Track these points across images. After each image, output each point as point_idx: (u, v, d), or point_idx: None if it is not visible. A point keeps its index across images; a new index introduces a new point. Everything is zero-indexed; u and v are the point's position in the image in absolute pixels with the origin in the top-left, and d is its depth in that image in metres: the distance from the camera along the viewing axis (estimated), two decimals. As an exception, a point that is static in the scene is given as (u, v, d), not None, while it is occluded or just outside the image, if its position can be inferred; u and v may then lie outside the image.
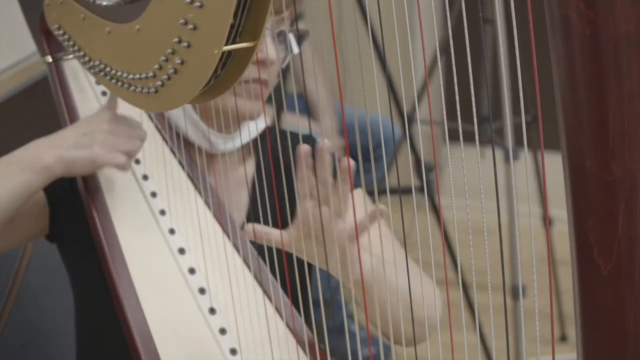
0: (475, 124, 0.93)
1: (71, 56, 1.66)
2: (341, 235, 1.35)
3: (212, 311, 1.52)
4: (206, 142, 1.62)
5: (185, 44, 1.17)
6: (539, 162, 3.25)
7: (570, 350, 1.29)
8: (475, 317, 2.88)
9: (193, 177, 1.64)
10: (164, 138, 1.67)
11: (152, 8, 1.23)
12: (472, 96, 1.06)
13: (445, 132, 1.15)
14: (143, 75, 1.28)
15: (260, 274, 1.55)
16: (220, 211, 1.61)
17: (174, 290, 1.54)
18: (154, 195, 1.62)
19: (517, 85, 0.95)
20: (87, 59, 1.46)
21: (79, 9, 1.42)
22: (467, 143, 1.10)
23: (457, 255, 3.01)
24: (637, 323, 0.87)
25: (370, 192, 2.59)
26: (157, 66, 1.23)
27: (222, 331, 1.50)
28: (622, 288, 0.88)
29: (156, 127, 1.68)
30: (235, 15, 1.12)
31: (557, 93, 0.89)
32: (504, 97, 2.82)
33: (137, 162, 1.65)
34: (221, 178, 1.64)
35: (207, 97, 1.22)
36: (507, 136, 2.91)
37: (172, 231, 1.59)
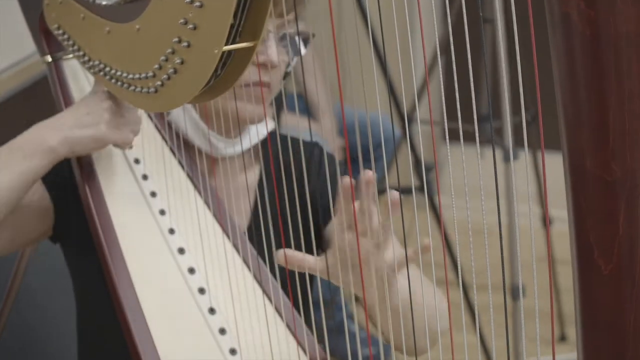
0: (475, 124, 0.93)
1: (71, 56, 1.66)
2: (381, 267, 1.32)
3: (212, 311, 1.52)
4: (207, 144, 1.62)
5: (185, 43, 1.17)
6: (538, 162, 3.25)
7: (570, 350, 1.29)
8: (476, 317, 2.88)
9: (193, 177, 1.64)
10: (164, 138, 1.67)
11: (152, 8, 1.23)
12: (472, 96, 1.06)
13: (446, 131, 1.15)
14: (143, 75, 1.28)
15: (260, 274, 1.55)
16: (220, 211, 1.61)
17: (174, 290, 1.54)
18: (153, 195, 1.62)
19: (517, 85, 0.95)
20: (86, 58, 1.46)
21: (79, 9, 1.42)
22: (467, 143, 1.10)
23: (457, 255, 3.01)
24: (637, 323, 0.87)
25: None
26: (157, 66, 1.23)
27: (222, 331, 1.50)
28: (623, 288, 0.88)
29: (156, 126, 1.68)
30: (235, 15, 1.13)
31: (557, 92, 0.89)
32: (504, 97, 2.82)
33: (137, 161, 1.65)
34: (221, 182, 1.63)
35: (207, 97, 1.22)
36: (506, 136, 2.91)
37: (171, 231, 1.59)
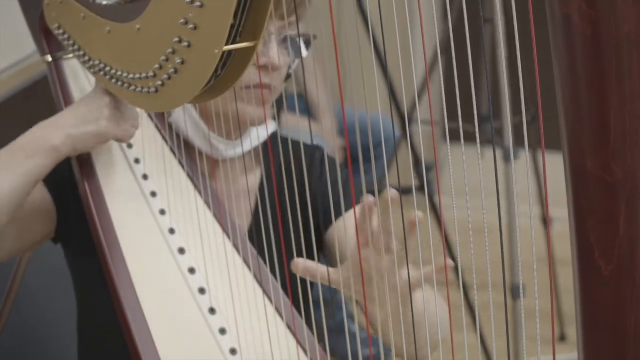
0: (475, 124, 0.93)
1: (71, 55, 1.66)
2: (400, 285, 1.30)
3: (212, 311, 1.52)
4: (207, 145, 1.62)
5: (186, 43, 1.17)
6: (538, 162, 3.25)
7: (569, 350, 1.29)
8: (476, 317, 2.88)
9: (193, 177, 1.64)
10: (164, 137, 1.67)
11: (152, 7, 1.23)
12: (472, 95, 1.06)
13: (446, 131, 1.15)
14: (143, 75, 1.28)
15: (260, 274, 1.55)
16: (220, 211, 1.61)
17: (174, 290, 1.53)
18: (153, 194, 1.62)
19: (517, 85, 0.95)
20: (86, 58, 1.46)
21: (79, 8, 1.42)
22: (467, 142, 1.10)
23: (458, 254, 3.01)
24: (637, 324, 0.87)
25: (370, 192, 2.60)
26: (157, 66, 1.23)
27: (222, 331, 1.50)
28: (623, 288, 0.87)
29: (156, 126, 1.68)
30: (235, 15, 1.13)
31: (558, 93, 0.89)
32: (504, 97, 2.82)
33: (137, 161, 1.64)
34: (222, 184, 1.63)
35: (207, 97, 1.22)
36: (506, 136, 2.91)
37: (171, 231, 1.59)
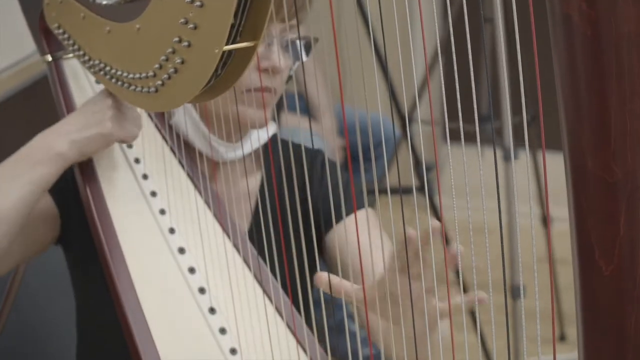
0: (476, 124, 0.93)
1: (71, 55, 1.66)
2: (431, 312, 1.30)
3: (212, 311, 1.52)
4: (207, 147, 1.62)
5: (186, 43, 1.17)
6: (538, 162, 3.25)
7: (569, 350, 1.28)
8: (476, 317, 2.87)
9: (193, 177, 1.64)
10: (164, 137, 1.67)
11: (152, 7, 1.23)
12: (473, 95, 1.05)
13: (446, 131, 1.15)
14: (143, 75, 1.28)
15: (260, 274, 1.55)
16: (220, 211, 1.61)
17: (174, 289, 1.53)
18: (153, 194, 1.62)
19: (517, 85, 0.95)
20: (87, 58, 1.46)
21: (79, 8, 1.42)
22: (467, 142, 1.10)
23: (458, 254, 3.01)
24: (638, 324, 0.87)
25: (370, 192, 2.60)
26: (157, 65, 1.23)
27: (222, 331, 1.50)
28: (624, 289, 0.87)
29: (156, 126, 1.68)
30: (235, 15, 1.12)
31: (558, 93, 0.89)
32: (504, 97, 2.82)
33: (137, 161, 1.64)
34: (222, 187, 1.63)
35: (207, 97, 1.22)
36: (507, 136, 2.91)
37: (172, 230, 1.59)
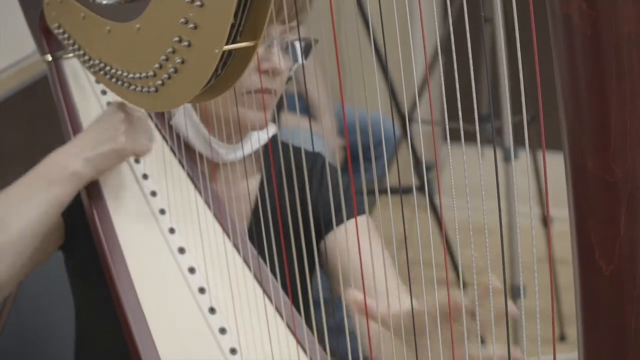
0: (476, 123, 0.93)
1: (71, 55, 1.66)
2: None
3: (212, 311, 1.52)
4: (208, 149, 1.61)
5: (186, 43, 1.17)
6: (538, 162, 3.25)
7: (569, 350, 1.28)
8: (476, 317, 2.87)
9: (193, 177, 1.64)
10: (164, 137, 1.67)
11: (152, 7, 1.23)
12: (473, 95, 1.05)
13: (447, 131, 1.15)
14: (143, 75, 1.28)
15: (260, 274, 1.55)
16: (220, 211, 1.61)
17: (174, 289, 1.53)
18: (153, 194, 1.62)
19: (517, 85, 0.95)
20: (87, 57, 1.46)
21: (79, 8, 1.41)
22: (467, 142, 1.09)
23: (458, 255, 3.01)
24: (638, 324, 0.87)
25: (370, 192, 2.60)
26: (157, 65, 1.23)
27: (222, 331, 1.50)
28: (624, 289, 0.87)
29: (156, 126, 1.68)
30: (235, 15, 1.12)
31: (558, 93, 0.89)
32: (504, 97, 2.82)
33: (137, 161, 1.64)
34: (222, 187, 1.63)
35: (207, 97, 1.22)
36: (507, 136, 2.91)
37: (171, 230, 1.59)
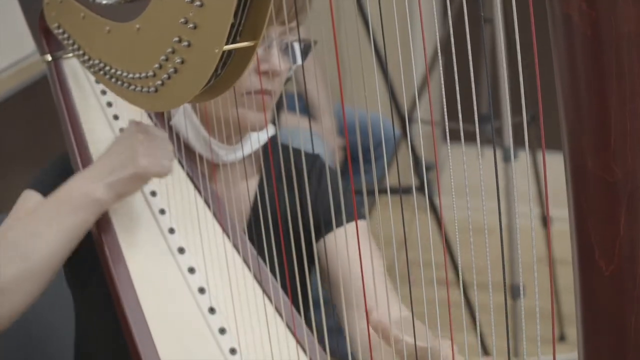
0: (476, 124, 0.93)
1: (71, 55, 1.66)
2: None
3: (212, 311, 1.52)
4: (207, 151, 1.61)
5: (186, 43, 1.17)
6: (538, 162, 3.25)
7: (569, 350, 1.28)
8: (476, 317, 2.88)
9: (193, 177, 1.64)
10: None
11: (152, 7, 1.23)
12: (472, 95, 1.05)
13: (446, 131, 1.15)
14: (143, 75, 1.28)
15: (260, 274, 1.55)
16: (220, 211, 1.61)
17: (174, 289, 1.53)
18: (153, 194, 1.62)
19: (517, 85, 0.95)
20: (86, 57, 1.46)
21: (79, 8, 1.41)
22: (467, 143, 1.09)
23: (458, 255, 3.01)
24: (638, 324, 0.87)
25: (370, 192, 2.60)
26: (157, 65, 1.23)
27: (222, 331, 1.50)
28: (624, 289, 0.87)
29: (156, 126, 1.68)
30: (235, 15, 1.12)
31: (558, 93, 0.89)
32: (504, 97, 2.82)
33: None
34: (222, 188, 1.63)
35: (207, 97, 1.22)
36: (506, 136, 2.91)
37: (171, 230, 1.59)
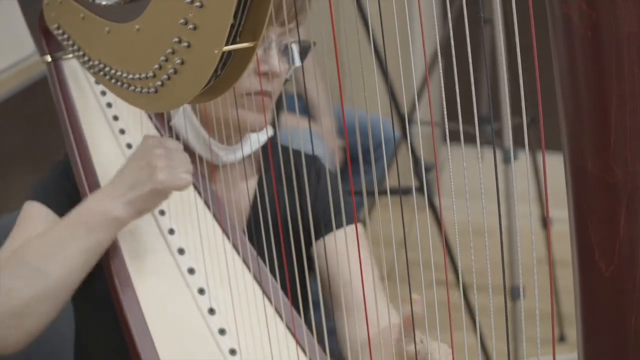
0: (476, 125, 0.93)
1: (70, 56, 1.66)
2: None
3: (212, 311, 1.52)
4: (207, 152, 1.61)
5: (185, 44, 1.17)
6: (538, 163, 3.25)
7: (569, 351, 1.28)
8: (475, 318, 2.87)
9: (192, 177, 1.64)
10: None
11: (152, 8, 1.23)
12: (472, 97, 1.05)
13: (446, 132, 1.15)
14: (143, 75, 1.27)
15: (260, 275, 1.55)
16: (220, 212, 1.61)
17: (174, 290, 1.53)
18: (153, 195, 1.62)
19: (517, 86, 0.95)
20: (86, 58, 1.45)
21: (79, 9, 1.41)
22: (467, 144, 1.09)
23: (458, 256, 3.01)
24: (638, 325, 0.87)
25: (370, 193, 2.60)
26: (156, 66, 1.23)
27: (222, 331, 1.50)
28: (624, 290, 0.87)
29: (156, 127, 1.68)
30: (235, 15, 1.12)
31: (558, 93, 0.89)
32: (504, 98, 2.82)
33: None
34: (222, 188, 1.63)
35: (207, 97, 1.22)
36: (506, 137, 2.91)
37: (171, 231, 1.59)
